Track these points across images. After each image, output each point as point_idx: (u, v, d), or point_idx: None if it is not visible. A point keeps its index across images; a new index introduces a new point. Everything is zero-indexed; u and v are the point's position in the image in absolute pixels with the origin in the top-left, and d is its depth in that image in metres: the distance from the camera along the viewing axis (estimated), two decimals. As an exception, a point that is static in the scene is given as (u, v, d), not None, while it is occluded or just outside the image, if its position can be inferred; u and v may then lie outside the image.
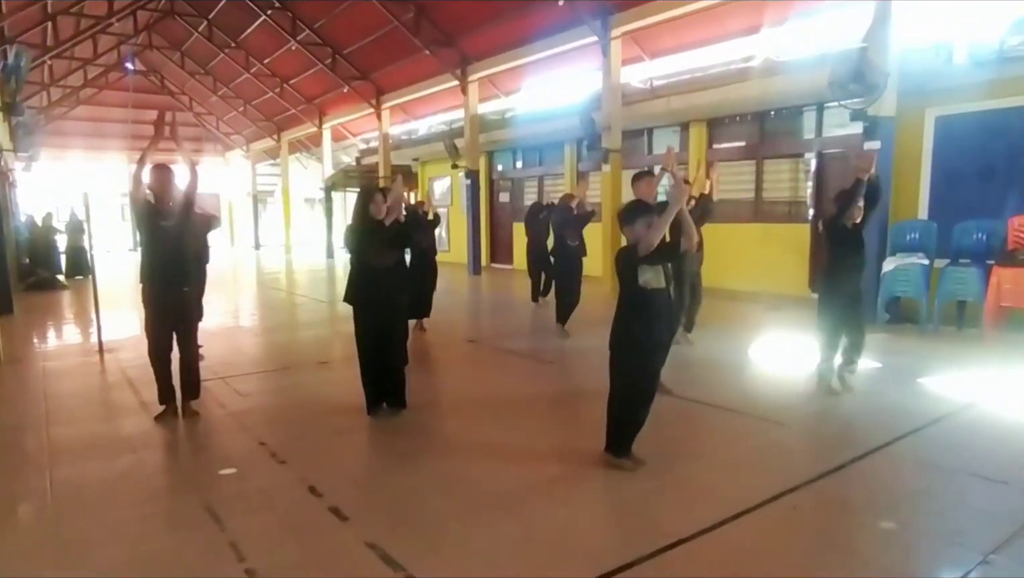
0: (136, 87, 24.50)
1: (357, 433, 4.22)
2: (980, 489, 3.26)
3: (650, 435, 4.08)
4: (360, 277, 4.40)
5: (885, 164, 7.72)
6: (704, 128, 11.48)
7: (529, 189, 16.18)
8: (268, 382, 5.67)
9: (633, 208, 3.45)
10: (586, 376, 5.79)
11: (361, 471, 3.60)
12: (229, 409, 4.71)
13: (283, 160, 24.27)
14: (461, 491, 3.28)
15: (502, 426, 4.32)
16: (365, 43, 15.64)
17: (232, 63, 20.02)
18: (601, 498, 3.28)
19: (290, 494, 3.26)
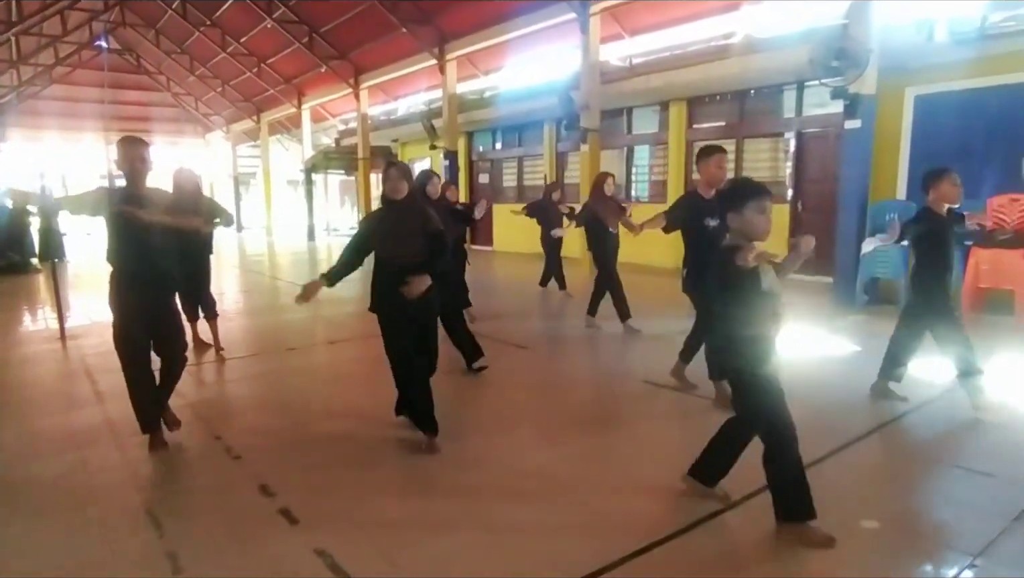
0: (111, 66, 23.88)
1: (319, 425, 4.08)
2: (965, 482, 3.17)
3: (624, 424, 4.08)
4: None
5: (865, 143, 7.63)
6: (684, 107, 11.33)
7: (508, 170, 15.99)
8: (234, 370, 5.52)
9: (742, 186, 2.72)
10: (561, 363, 5.72)
11: (319, 468, 3.43)
12: (188, 399, 4.55)
13: (263, 141, 23.84)
14: (422, 493, 3.15)
15: (471, 421, 4.21)
16: (342, 21, 15.28)
17: (208, 42, 19.53)
18: (570, 501, 3.12)
19: (240, 494, 3.14)
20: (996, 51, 7.25)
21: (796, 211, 9.96)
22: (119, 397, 3.85)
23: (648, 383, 4.83)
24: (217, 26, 18.49)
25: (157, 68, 24.50)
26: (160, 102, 26.45)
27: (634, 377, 5.01)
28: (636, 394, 4.69)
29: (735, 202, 2.63)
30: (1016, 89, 7.36)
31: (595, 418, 4.26)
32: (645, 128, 12.44)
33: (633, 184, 12.98)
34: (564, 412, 4.37)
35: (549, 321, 7.69)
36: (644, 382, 4.86)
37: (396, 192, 3.52)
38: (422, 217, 3.59)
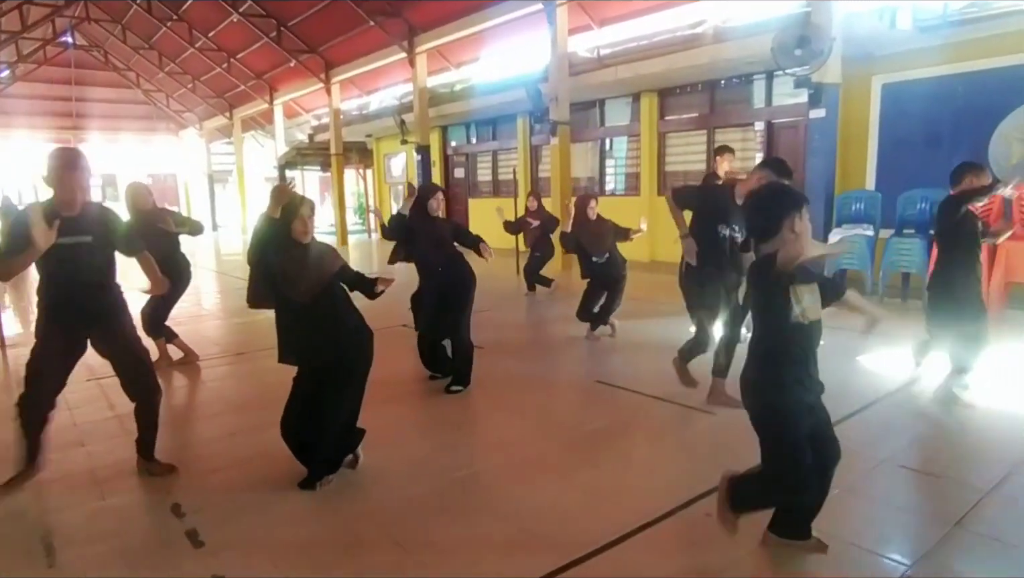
0: (79, 63, 23.45)
1: (249, 438, 3.83)
2: (910, 484, 3.06)
3: (572, 428, 3.94)
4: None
5: (830, 133, 7.53)
6: (655, 98, 11.19)
7: (483, 164, 15.80)
8: (177, 377, 5.30)
9: (775, 193, 2.38)
10: (514, 362, 5.50)
11: (238, 487, 3.18)
12: (118, 411, 4.31)
13: (236, 138, 23.47)
14: (339, 512, 2.94)
15: (408, 438, 3.99)
16: (310, 14, 14.95)
17: (176, 37, 19.10)
18: (495, 515, 2.94)
19: (150, 514, 2.96)
20: (961, 38, 7.17)
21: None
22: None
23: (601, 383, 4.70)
24: (184, 21, 18.07)
25: (126, 64, 23.98)
26: (131, 99, 25.93)
27: (588, 377, 4.88)
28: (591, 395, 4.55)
29: (768, 228, 2.23)
30: (981, 76, 7.29)
31: (529, 418, 4.10)
32: (618, 120, 12.29)
33: (607, 177, 12.84)
34: (498, 417, 4.22)
35: (514, 319, 7.51)
36: (597, 382, 4.73)
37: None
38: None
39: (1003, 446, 3.39)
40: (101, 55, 23.64)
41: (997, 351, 5.02)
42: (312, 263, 2.97)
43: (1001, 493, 2.90)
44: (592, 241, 5.95)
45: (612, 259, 6.04)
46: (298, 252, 2.96)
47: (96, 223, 3.01)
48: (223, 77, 20.64)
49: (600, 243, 5.95)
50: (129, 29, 20.52)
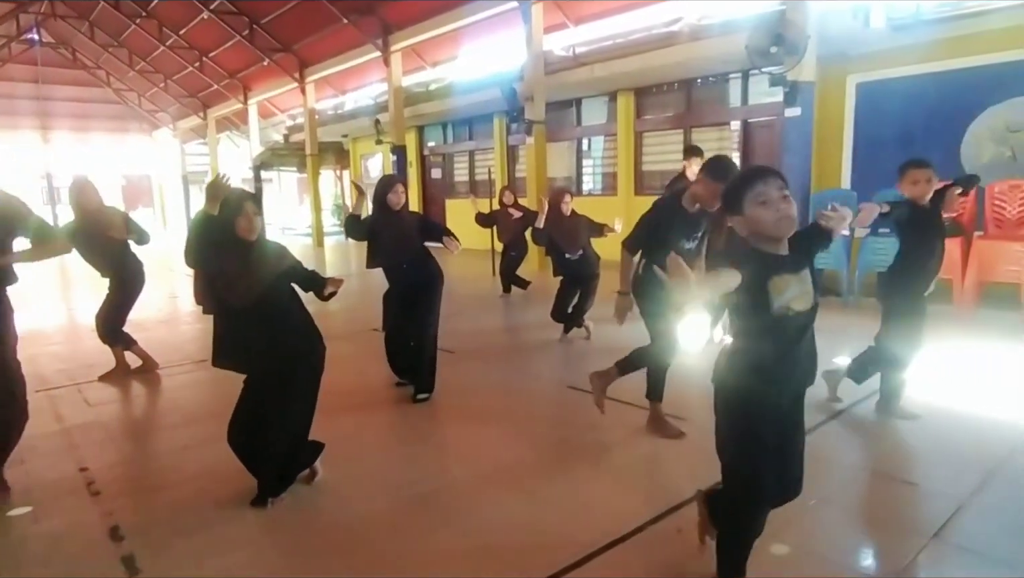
0: (46, 61, 22.87)
1: (204, 449, 3.63)
2: (887, 492, 2.94)
3: (541, 437, 3.78)
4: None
5: (805, 131, 7.48)
6: (632, 97, 11.11)
7: (460, 164, 15.64)
8: (131, 387, 5.06)
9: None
10: (484, 367, 5.36)
11: (187, 504, 3.00)
12: (66, 424, 4.13)
13: (210, 139, 23.04)
14: (291, 531, 2.78)
15: (361, 445, 3.81)
16: (283, 12, 14.65)
17: (145, 35, 18.67)
18: (468, 527, 2.79)
19: (85, 538, 2.74)
20: (933, 37, 7.16)
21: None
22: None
23: (573, 389, 4.57)
24: (153, 18, 17.66)
25: (95, 63, 23.43)
26: (101, 98, 25.36)
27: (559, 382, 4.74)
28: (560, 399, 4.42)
29: (730, 206, 2.00)
30: (954, 76, 7.29)
31: (497, 427, 3.94)
32: (595, 119, 12.20)
33: (584, 177, 12.74)
34: (465, 426, 4.06)
35: (487, 322, 7.35)
36: (569, 388, 4.60)
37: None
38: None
39: (978, 451, 3.31)
40: (69, 53, 23.09)
41: (971, 352, 5.00)
42: (254, 262, 2.78)
43: (979, 502, 2.81)
44: (565, 237, 5.83)
45: (586, 256, 5.92)
46: (241, 251, 2.77)
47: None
48: (196, 76, 20.22)
49: (573, 239, 5.83)
50: (97, 26, 20.05)
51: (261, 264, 2.79)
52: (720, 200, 2.21)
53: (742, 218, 1.96)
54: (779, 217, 1.89)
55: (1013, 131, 6.94)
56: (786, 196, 1.92)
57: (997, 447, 3.35)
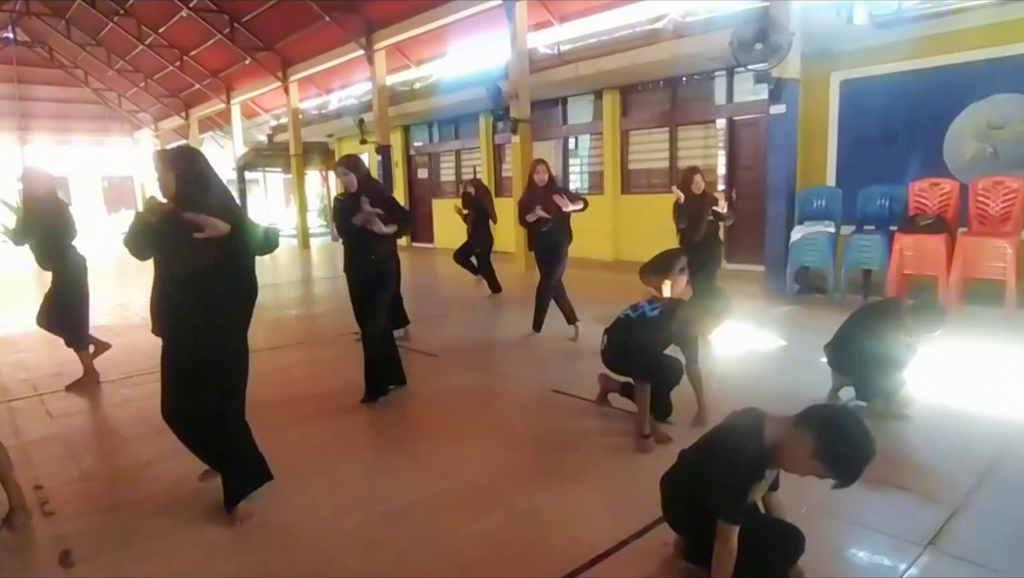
0: (21, 60, 22.48)
1: (170, 462, 3.38)
2: (878, 499, 2.83)
3: (522, 446, 3.65)
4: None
5: (790, 129, 7.44)
6: (617, 96, 11.05)
7: (446, 164, 15.52)
8: (97, 397, 4.83)
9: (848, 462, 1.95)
10: (467, 371, 5.25)
11: (146, 524, 2.85)
12: (25, 438, 3.92)
13: (193, 139, 22.66)
14: (254, 551, 2.64)
15: (334, 453, 3.64)
16: (264, 10, 14.44)
17: (124, 33, 18.33)
18: (440, 546, 2.66)
19: (33, 564, 2.60)
20: (916, 35, 7.17)
21: (731, 199, 9.75)
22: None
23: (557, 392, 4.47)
24: (131, 15, 17.35)
25: (72, 62, 23.04)
26: (80, 99, 24.99)
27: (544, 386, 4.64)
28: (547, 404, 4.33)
29: (834, 472, 1.98)
30: (936, 73, 7.31)
31: (477, 436, 3.83)
32: (580, 118, 12.13)
33: (571, 176, 12.67)
34: (443, 436, 3.97)
35: (473, 325, 7.25)
36: (553, 392, 4.50)
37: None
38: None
39: (969, 453, 3.25)
40: (45, 52, 22.69)
41: (957, 350, 4.96)
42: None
43: (972, 508, 2.74)
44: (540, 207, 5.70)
45: (556, 227, 5.82)
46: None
47: None
48: (177, 75, 19.92)
49: (547, 210, 5.71)
50: (74, 24, 19.72)
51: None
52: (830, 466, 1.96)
53: (816, 467, 1.94)
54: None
55: (995, 127, 6.95)
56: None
57: (988, 446, 3.30)
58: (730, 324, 3.61)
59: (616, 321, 3.79)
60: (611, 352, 3.72)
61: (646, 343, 3.54)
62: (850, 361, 3.82)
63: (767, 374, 4.75)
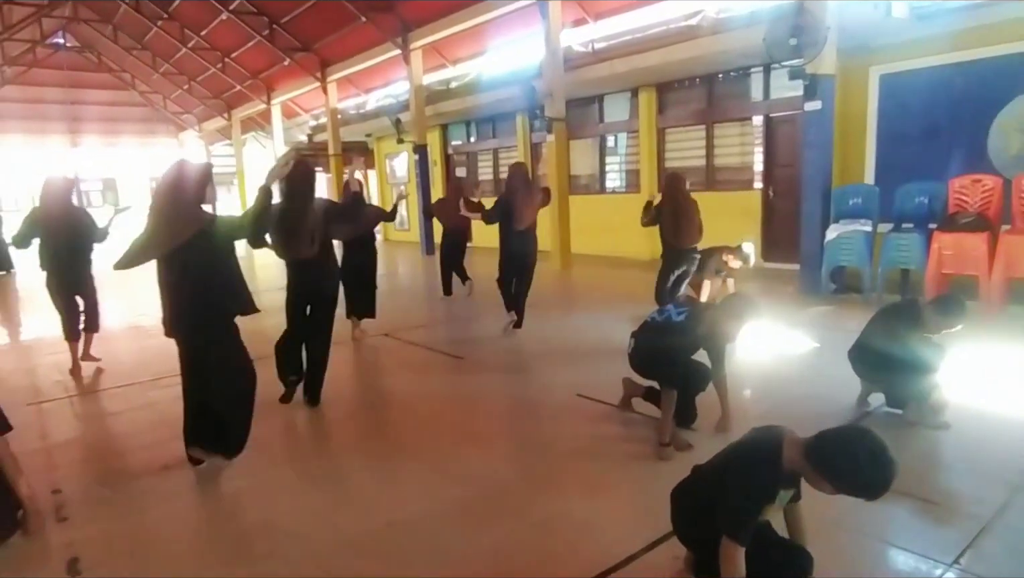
0: (71, 65, 23.27)
1: (181, 471, 3.46)
2: (901, 513, 2.72)
3: (541, 452, 3.64)
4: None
5: (825, 125, 7.39)
6: (653, 93, 11.05)
7: (484, 163, 15.66)
8: (124, 400, 4.86)
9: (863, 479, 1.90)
10: (492, 374, 5.28)
11: (155, 531, 2.91)
12: (49, 441, 4.06)
13: (235, 140, 23.37)
14: (259, 560, 2.67)
15: (374, 453, 3.73)
16: (302, 11, 14.75)
17: (168, 37, 18.89)
18: (448, 557, 2.63)
19: (39, 570, 2.64)
20: (958, 26, 7.02)
21: (767, 198, 9.73)
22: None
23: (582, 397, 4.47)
24: (174, 19, 17.89)
25: (119, 66, 23.80)
26: (128, 101, 25.80)
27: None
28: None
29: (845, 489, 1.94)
30: (979, 65, 7.15)
31: (498, 441, 3.86)
32: (617, 116, 12.14)
33: (608, 174, 12.70)
34: (462, 441, 3.97)
35: (495, 328, 6.75)
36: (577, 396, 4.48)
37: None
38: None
39: (1004, 463, 3.13)
40: (94, 56, 23.47)
41: (998, 353, 4.89)
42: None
43: (1003, 523, 2.63)
44: (520, 209, 5.95)
45: (530, 234, 6.09)
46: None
47: None
48: (219, 77, 20.48)
49: (528, 213, 5.97)
50: (120, 29, 20.38)
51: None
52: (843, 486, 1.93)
53: (825, 485, 1.93)
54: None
55: (1042, 122, 6.79)
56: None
57: (1021, 459, 3.19)
58: (760, 326, 3.58)
59: (643, 324, 3.74)
60: (637, 356, 3.67)
61: (672, 348, 3.48)
62: (874, 366, 3.77)
63: (797, 378, 4.73)
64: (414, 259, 14.00)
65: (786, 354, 5.32)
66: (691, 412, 3.74)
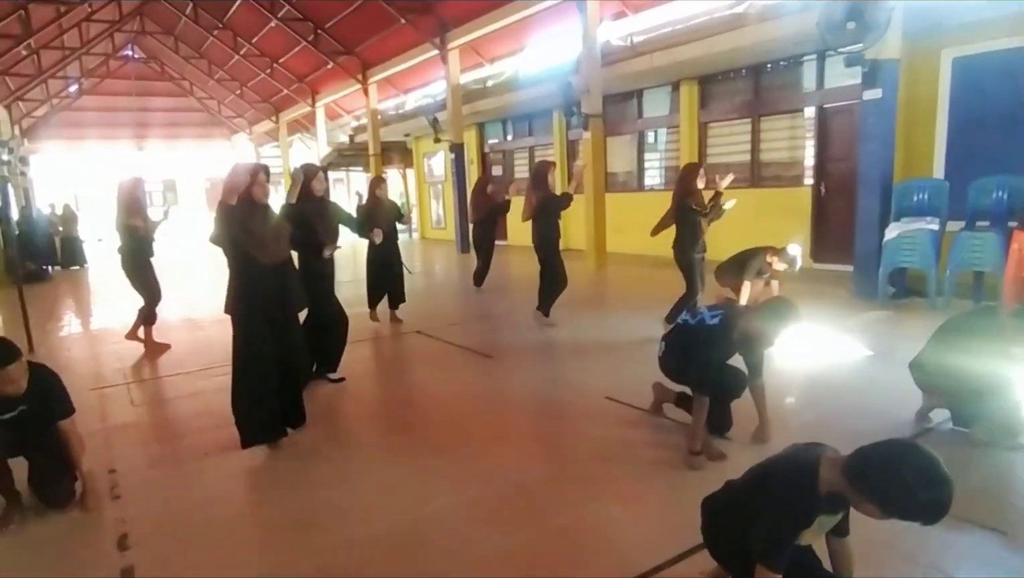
0: (138, 75, 24.39)
1: (218, 457, 3.58)
2: (962, 543, 2.41)
3: (568, 454, 3.46)
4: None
5: (887, 115, 6.70)
6: (695, 86, 10.47)
7: (520, 161, 15.33)
8: (177, 387, 5.09)
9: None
10: (521, 374, 5.04)
11: (200, 512, 2.98)
12: (109, 423, 4.21)
13: (282, 142, 23.89)
14: (296, 547, 2.63)
15: (408, 449, 3.66)
16: (344, 16, 14.92)
17: (222, 45, 19.63)
18: (467, 557, 2.55)
19: (91, 545, 2.72)
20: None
21: (818, 194, 9.00)
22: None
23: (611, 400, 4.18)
24: (228, 28, 18.46)
25: (180, 74, 24.79)
26: (187, 107, 26.88)
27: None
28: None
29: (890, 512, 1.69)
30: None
31: (524, 441, 3.66)
32: (657, 111, 11.59)
33: (646, 171, 12.14)
34: (488, 439, 3.77)
35: (534, 325, 6.88)
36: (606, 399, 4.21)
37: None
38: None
39: None
40: (158, 66, 24.47)
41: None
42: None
43: None
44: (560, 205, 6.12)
45: (534, 226, 6.23)
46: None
47: None
48: (267, 82, 20.97)
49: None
50: (181, 40, 21.21)
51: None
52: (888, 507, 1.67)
53: (872, 510, 1.67)
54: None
55: None
56: None
57: None
58: (801, 331, 3.16)
59: (675, 327, 3.57)
60: (668, 360, 3.50)
61: (705, 353, 3.23)
62: (940, 381, 3.32)
63: (847, 388, 4.24)
64: (449, 256, 13.93)
65: (836, 362, 4.81)
66: (726, 420, 3.47)
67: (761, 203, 9.38)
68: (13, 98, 18.85)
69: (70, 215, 15.23)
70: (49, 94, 21.54)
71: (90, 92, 23.62)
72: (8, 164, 12.82)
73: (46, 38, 15.64)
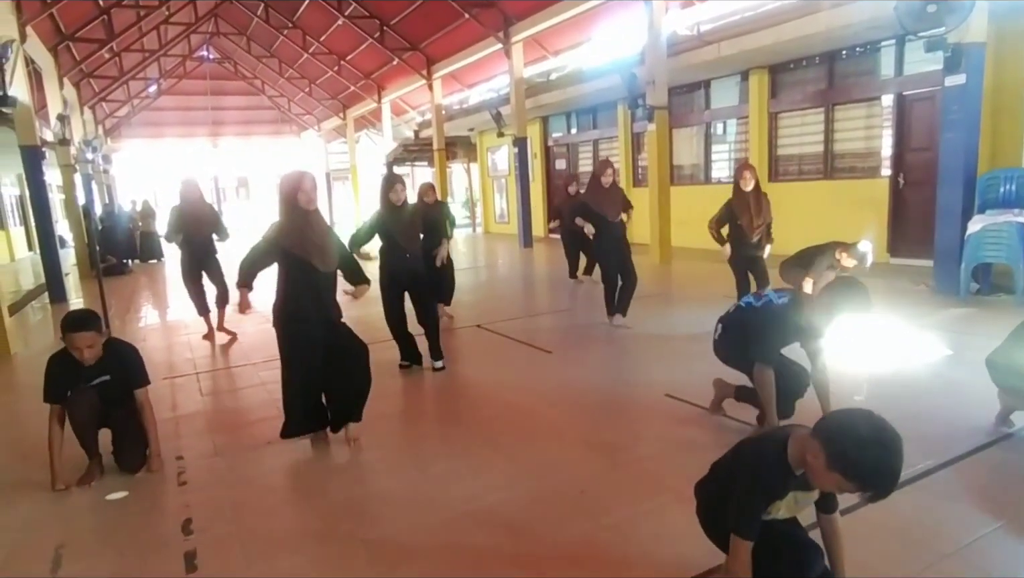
0: (212, 74, 25.60)
1: (279, 446, 3.66)
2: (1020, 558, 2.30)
3: (623, 452, 3.35)
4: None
5: (971, 102, 6.36)
6: (765, 75, 10.17)
7: (584, 154, 15.27)
8: (244, 378, 5.28)
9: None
10: (580, 370, 5.03)
11: (260, 501, 3.07)
12: (178, 412, 4.42)
13: (349, 137, 24.54)
14: (351, 537, 2.70)
15: (460, 446, 3.70)
16: (410, 12, 15.19)
17: (292, 44, 20.29)
18: (520, 545, 2.59)
19: (155, 530, 2.84)
20: None
21: (896, 186, 8.63)
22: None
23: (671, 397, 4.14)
24: (297, 27, 19.08)
25: (252, 73, 25.80)
26: (258, 105, 28.01)
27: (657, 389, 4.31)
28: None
29: (852, 480, 1.76)
30: None
31: (579, 437, 3.62)
32: (724, 102, 11.33)
33: (713, 164, 11.90)
34: (545, 433, 3.78)
35: (595, 320, 6.73)
36: (666, 396, 4.17)
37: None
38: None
39: None
40: (231, 66, 25.58)
41: None
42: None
43: None
44: (607, 205, 5.93)
45: (622, 225, 6.07)
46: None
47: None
48: (335, 79, 21.59)
49: (615, 207, 5.96)
50: (253, 40, 22.04)
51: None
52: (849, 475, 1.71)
53: (837, 479, 1.72)
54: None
55: None
56: None
57: None
58: (870, 320, 3.07)
59: (735, 308, 3.50)
60: (724, 342, 3.46)
61: (770, 332, 3.18)
62: (1013, 381, 3.15)
63: (923, 388, 4.04)
64: (512, 251, 13.99)
65: (912, 361, 4.58)
66: (789, 416, 3.35)
67: (835, 195, 9.08)
68: (97, 99, 20.15)
69: (148, 211, 16.19)
70: (130, 95, 22.87)
71: (168, 92, 24.99)
72: (92, 163, 13.70)
73: (127, 41, 16.59)
